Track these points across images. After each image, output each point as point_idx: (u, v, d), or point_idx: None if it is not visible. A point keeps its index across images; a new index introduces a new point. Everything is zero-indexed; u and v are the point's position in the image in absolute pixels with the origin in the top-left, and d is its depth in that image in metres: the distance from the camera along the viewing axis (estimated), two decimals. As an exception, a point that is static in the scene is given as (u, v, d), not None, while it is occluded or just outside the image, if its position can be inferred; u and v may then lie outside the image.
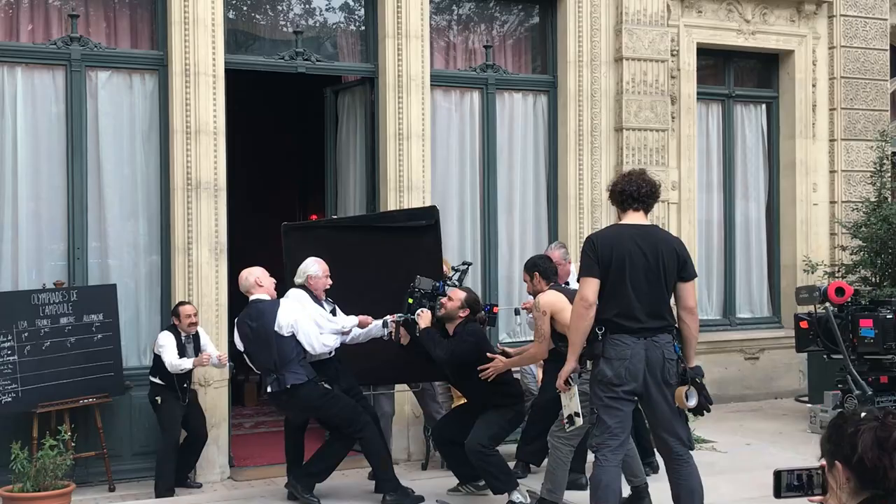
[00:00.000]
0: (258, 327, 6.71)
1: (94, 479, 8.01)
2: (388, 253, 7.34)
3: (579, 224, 9.80)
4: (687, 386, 5.23)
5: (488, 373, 6.59)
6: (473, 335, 6.73)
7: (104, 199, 8.29)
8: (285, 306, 6.77)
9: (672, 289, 5.38)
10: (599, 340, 5.27)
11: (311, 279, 7.01)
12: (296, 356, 6.67)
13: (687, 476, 5.36)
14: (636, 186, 5.40)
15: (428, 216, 7.54)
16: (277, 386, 6.67)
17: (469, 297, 6.83)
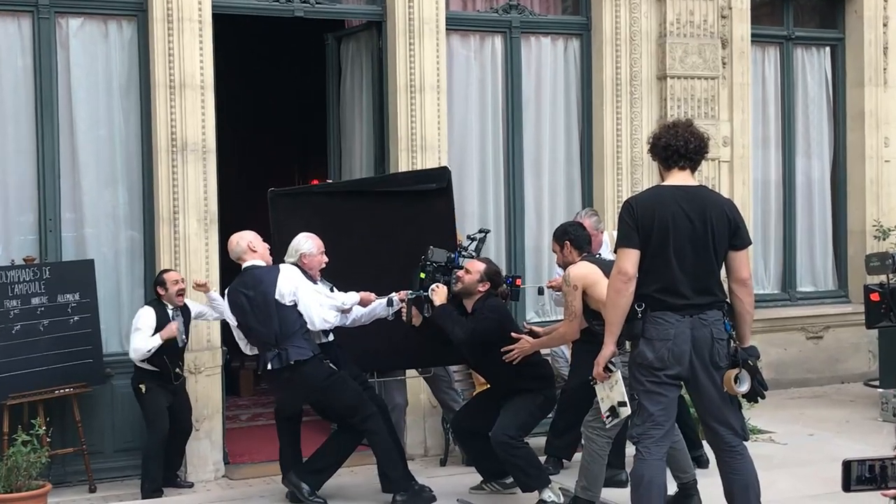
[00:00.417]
0: (256, 296, 6.69)
1: (72, 479, 8.08)
2: (393, 222, 7.28)
3: (617, 187, 9.76)
4: (737, 369, 5.20)
5: (513, 355, 6.58)
6: (495, 311, 6.72)
7: (78, 163, 8.30)
8: (286, 272, 6.75)
9: (722, 259, 5.34)
10: (639, 319, 5.24)
11: (304, 258, 6.95)
12: (299, 328, 6.68)
13: (741, 470, 5.35)
14: (683, 141, 5.34)
15: (439, 178, 7.50)
16: (279, 362, 6.64)
17: (489, 268, 6.80)
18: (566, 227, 6.76)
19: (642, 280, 5.26)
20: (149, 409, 7.84)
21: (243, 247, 6.88)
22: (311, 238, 6.99)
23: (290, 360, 6.62)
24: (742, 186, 10.49)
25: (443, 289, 6.75)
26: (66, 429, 8.02)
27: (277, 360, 6.65)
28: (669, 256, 5.24)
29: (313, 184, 11.64)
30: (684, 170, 5.40)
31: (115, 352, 8.33)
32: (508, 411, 6.67)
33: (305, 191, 7.80)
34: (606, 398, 5.60)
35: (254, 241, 6.91)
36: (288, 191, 7.67)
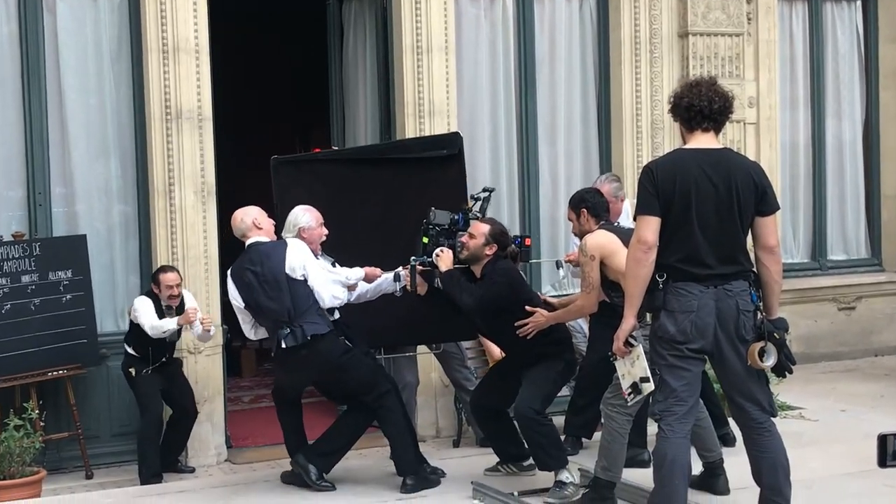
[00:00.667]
0: (264, 272, 6.66)
1: (67, 465, 8.13)
2: (402, 191, 7.24)
3: (636, 151, 9.73)
4: (763, 342, 5.19)
5: (527, 329, 6.55)
6: (505, 275, 6.63)
7: (68, 135, 8.31)
8: (294, 246, 6.74)
9: (749, 226, 5.31)
10: (660, 290, 5.22)
11: (303, 232, 6.90)
12: (313, 303, 6.66)
13: (769, 448, 5.35)
14: (707, 100, 5.30)
15: (450, 144, 7.46)
16: (293, 339, 6.59)
17: (493, 228, 6.70)
18: (583, 193, 6.70)
19: (663, 249, 5.24)
20: (140, 393, 7.90)
21: (248, 223, 6.85)
22: (308, 211, 6.95)
23: (306, 336, 6.58)
24: (769, 149, 10.44)
25: (448, 253, 6.67)
26: (60, 412, 8.06)
27: (292, 337, 6.59)
28: (692, 224, 5.22)
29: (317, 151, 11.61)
30: (708, 132, 5.36)
31: (109, 331, 8.36)
32: (530, 384, 6.60)
33: (309, 158, 7.76)
34: (628, 374, 5.58)
35: (259, 218, 6.88)
36: (291, 158, 7.64)
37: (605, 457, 6.12)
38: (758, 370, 5.28)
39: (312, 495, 6.81)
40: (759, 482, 5.43)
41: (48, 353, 7.87)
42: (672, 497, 5.25)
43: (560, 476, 6.47)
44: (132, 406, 8.12)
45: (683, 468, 5.28)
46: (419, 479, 6.81)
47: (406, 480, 6.80)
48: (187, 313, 7.72)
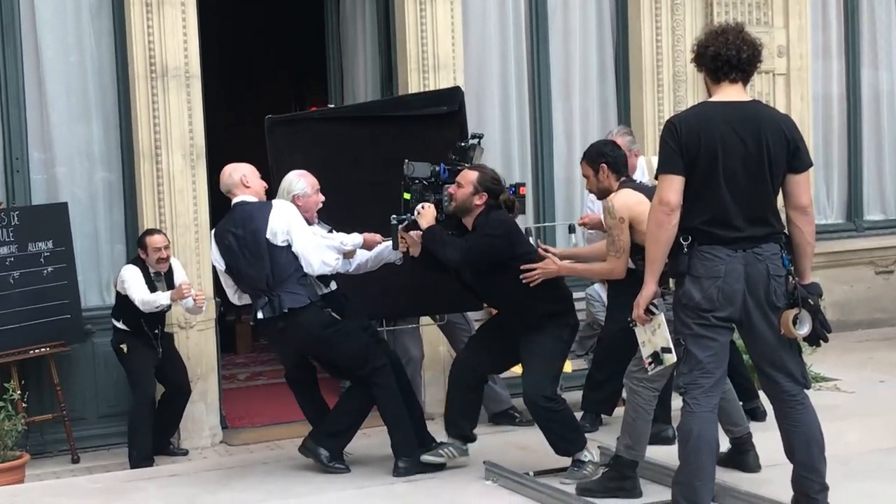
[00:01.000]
0: (245, 235, 6.62)
1: (52, 448, 8.19)
2: (401, 151, 7.16)
3: (658, 106, 9.70)
4: (796, 309, 5.18)
5: (533, 275, 6.30)
6: (500, 225, 6.38)
7: (46, 95, 8.30)
8: (278, 208, 6.68)
9: (780, 184, 5.30)
10: (685, 254, 5.21)
11: (298, 199, 6.83)
12: (294, 272, 6.60)
13: (802, 422, 5.35)
14: (735, 49, 5.26)
15: (450, 100, 7.42)
16: (271, 310, 6.57)
17: (483, 175, 6.48)
18: (600, 146, 6.49)
19: (688, 211, 5.22)
20: (132, 370, 7.93)
21: (235, 180, 6.79)
22: (303, 176, 6.89)
23: (283, 308, 6.54)
24: (800, 102, 10.40)
25: (430, 209, 6.50)
26: (44, 393, 8.10)
27: (269, 307, 6.56)
28: (719, 183, 5.19)
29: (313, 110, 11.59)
30: (735, 83, 5.32)
31: (94, 305, 8.40)
32: (534, 361, 6.44)
33: (305, 117, 7.74)
34: (648, 343, 5.58)
35: (249, 176, 6.80)
36: (286, 118, 7.64)
37: (629, 434, 6.09)
38: (790, 339, 5.27)
39: (314, 477, 6.83)
40: (792, 458, 5.43)
41: (29, 330, 7.90)
42: (698, 474, 5.25)
43: (579, 455, 6.46)
44: (121, 385, 8.16)
45: (710, 444, 5.28)
46: (413, 462, 6.77)
47: (398, 463, 6.77)
48: (180, 288, 7.74)
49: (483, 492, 6.44)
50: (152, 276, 7.89)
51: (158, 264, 7.86)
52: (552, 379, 6.50)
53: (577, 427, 6.60)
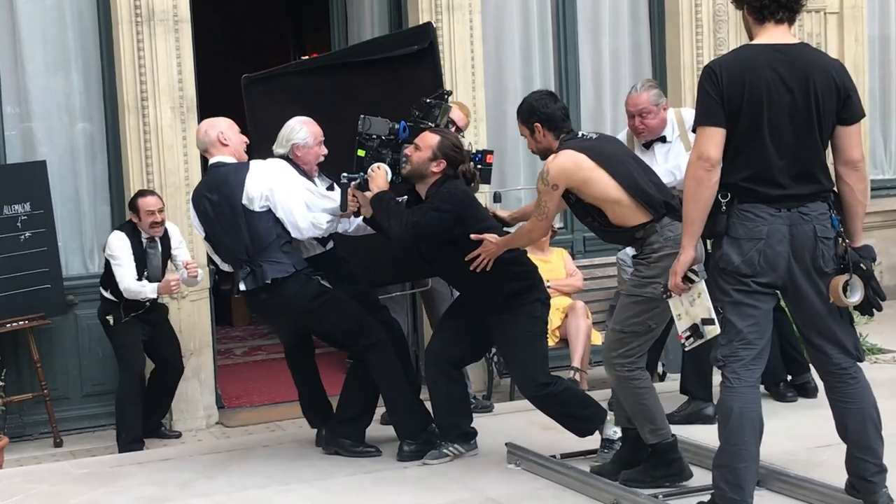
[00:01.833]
0: (220, 200, 6.61)
1: (32, 431, 8.30)
2: (380, 99, 7.13)
3: (696, 49, 9.70)
4: (847, 275, 5.19)
5: (478, 262, 6.30)
6: (450, 199, 6.33)
7: (20, 43, 8.34)
8: (256, 170, 6.64)
9: (829, 137, 5.31)
10: (723, 213, 5.22)
11: (297, 149, 6.83)
12: (276, 240, 6.59)
13: (855, 397, 5.36)
14: None
15: (420, 38, 7.38)
16: (253, 282, 6.59)
17: (445, 141, 6.44)
18: (532, 102, 6.22)
19: (728, 166, 5.22)
20: (120, 344, 8.00)
21: (212, 137, 6.72)
22: (306, 124, 6.87)
23: (265, 279, 6.57)
24: (854, 44, 10.39)
25: (382, 171, 6.49)
26: (23, 370, 8.21)
27: (251, 278, 6.58)
28: (763, 136, 5.19)
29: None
30: (781, 23, 5.30)
31: (77, 274, 8.49)
32: (515, 350, 6.42)
33: (279, 73, 7.75)
34: (685, 315, 5.56)
35: (226, 132, 6.74)
36: (262, 75, 7.65)
37: (646, 419, 6.09)
38: (840, 308, 5.29)
39: (318, 460, 6.88)
40: (845, 438, 5.45)
41: (5, 302, 7.97)
42: (740, 455, 5.27)
43: (606, 432, 6.50)
44: (107, 361, 8.25)
45: (754, 421, 5.29)
46: (420, 443, 6.81)
47: (402, 446, 6.81)
48: (167, 282, 7.82)
49: (505, 477, 6.45)
50: (145, 242, 7.94)
51: (152, 229, 7.91)
52: (539, 363, 6.49)
53: (587, 401, 6.60)
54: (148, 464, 7.17)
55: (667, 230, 5.82)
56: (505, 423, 7.17)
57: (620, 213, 5.88)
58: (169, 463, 7.15)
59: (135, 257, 7.88)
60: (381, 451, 6.95)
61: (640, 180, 5.88)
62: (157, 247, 7.99)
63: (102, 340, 8.18)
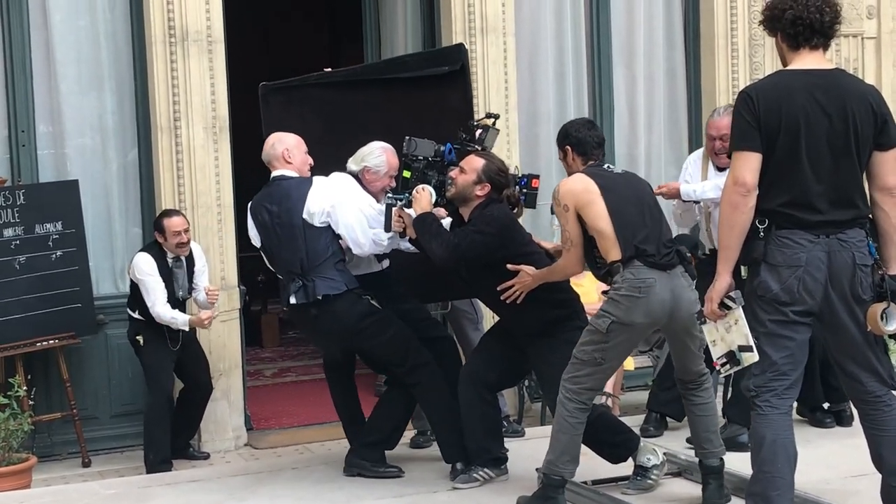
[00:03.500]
0: (280, 213, 6.71)
1: (61, 451, 8.33)
2: (404, 117, 7.13)
3: (732, 74, 9.70)
4: (885, 303, 5.18)
5: (512, 293, 6.34)
6: (493, 223, 6.36)
7: (55, 63, 8.41)
8: (319, 186, 6.75)
9: (866, 162, 5.31)
10: (761, 239, 5.21)
11: (368, 172, 6.90)
12: (331, 256, 6.68)
13: (890, 425, 5.31)
14: (817, 11, 5.25)
15: (451, 59, 7.38)
16: (304, 296, 6.66)
17: (490, 164, 6.47)
18: (568, 127, 6.42)
19: (765, 192, 5.22)
20: (148, 365, 8.03)
21: (277, 152, 6.84)
22: (386, 152, 6.92)
23: (316, 295, 6.63)
24: (892, 69, 10.35)
25: (425, 192, 6.50)
26: (52, 390, 8.24)
27: (302, 293, 6.65)
28: (801, 161, 5.18)
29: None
30: (816, 49, 5.31)
31: (107, 294, 8.54)
32: (553, 376, 6.26)
33: (301, 84, 7.77)
34: (721, 341, 5.54)
35: (292, 150, 6.84)
36: (281, 84, 7.68)
37: (552, 448, 6.14)
38: (876, 336, 5.28)
39: (347, 483, 6.89)
40: (880, 467, 5.42)
41: (36, 321, 8.01)
42: (774, 483, 5.25)
43: (639, 460, 6.48)
44: (136, 381, 8.28)
45: (787, 449, 5.27)
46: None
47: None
48: (199, 318, 7.89)
49: (536, 503, 6.47)
50: (170, 261, 7.98)
51: (178, 249, 7.96)
52: None
53: (620, 428, 6.61)
54: (176, 485, 7.19)
55: (629, 272, 5.89)
56: (536, 447, 7.12)
57: (603, 245, 5.97)
58: (197, 484, 7.18)
59: (162, 277, 7.92)
60: (403, 472, 6.98)
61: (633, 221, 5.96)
62: (183, 265, 8.03)
63: (132, 360, 8.21)
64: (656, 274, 5.89)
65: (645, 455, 6.47)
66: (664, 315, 5.94)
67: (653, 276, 5.88)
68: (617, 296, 5.91)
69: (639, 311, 5.89)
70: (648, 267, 5.87)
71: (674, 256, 6.00)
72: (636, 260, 5.88)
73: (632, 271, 5.88)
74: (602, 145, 6.35)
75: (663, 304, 5.91)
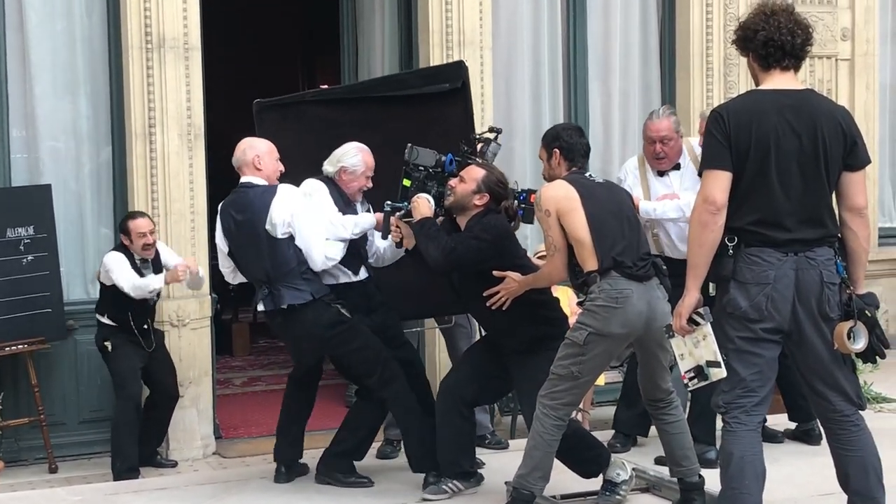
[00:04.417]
0: (244, 222, 6.73)
1: (27, 456, 8.31)
2: (400, 135, 7.13)
3: (706, 92, 9.76)
4: (852, 321, 5.23)
5: (497, 299, 6.37)
6: (490, 230, 6.39)
7: (30, 66, 8.41)
8: (283, 196, 6.73)
9: (835, 183, 5.36)
10: (730, 256, 5.25)
11: (344, 172, 6.95)
12: (297, 266, 6.69)
13: (857, 445, 5.36)
14: (789, 34, 5.31)
15: (453, 76, 7.43)
16: (271, 304, 6.70)
17: (490, 176, 6.51)
18: (559, 130, 6.48)
19: (735, 210, 5.26)
20: (117, 371, 8.01)
21: (248, 158, 6.83)
22: (361, 152, 6.97)
23: (281, 304, 6.67)
24: (865, 91, 10.44)
25: (424, 200, 6.53)
26: (20, 394, 8.23)
27: (270, 300, 6.70)
28: (771, 180, 5.22)
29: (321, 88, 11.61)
30: (787, 70, 5.36)
31: (78, 299, 8.52)
32: (532, 390, 6.26)
33: (295, 100, 7.80)
34: (689, 356, 5.57)
35: (263, 157, 6.84)
36: (276, 101, 7.71)
37: (524, 463, 6.18)
38: (843, 354, 5.31)
39: (316, 495, 6.90)
40: (846, 487, 5.44)
41: (5, 325, 7.99)
42: (742, 500, 5.26)
43: (609, 475, 6.51)
44: (105, 387, 8.27)
45: (755, 466, 5.31)
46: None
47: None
48: (176, 270, 7.86)
49: (504, 516, 6.47)
50: (138, 263, 7.95)
51: (144, 251, 7.93)
52: None
53: (593, 443, 6.64)
54: (144, 493, 7.20)
55: (606, 283, 5.94)
56: (507, 461, 7.17)
57: (580, 254, 6.02)
58: (165, 492, 7.17)
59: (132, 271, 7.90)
60: (373, 482, 7.00)
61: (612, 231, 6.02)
62: (150, 268, 8.01)
63: (101, 367, 8.19)
64: (633, 285, 5.95)
65: (614, 470, 6.50)
66: (641, 326, 5.98)
67: (630, 286, 5.94)
68: (593, 306, 5.95)
69: (616, 322, 5.93)
70: (626, 278, 5.93)
71: (650, 268, 6.05)
72: (613, 271, 5.94)
73: (609, 282, 5.93)
74: (588, 154, 6.44)
75: (640, 315, 5.96)
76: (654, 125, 7.39)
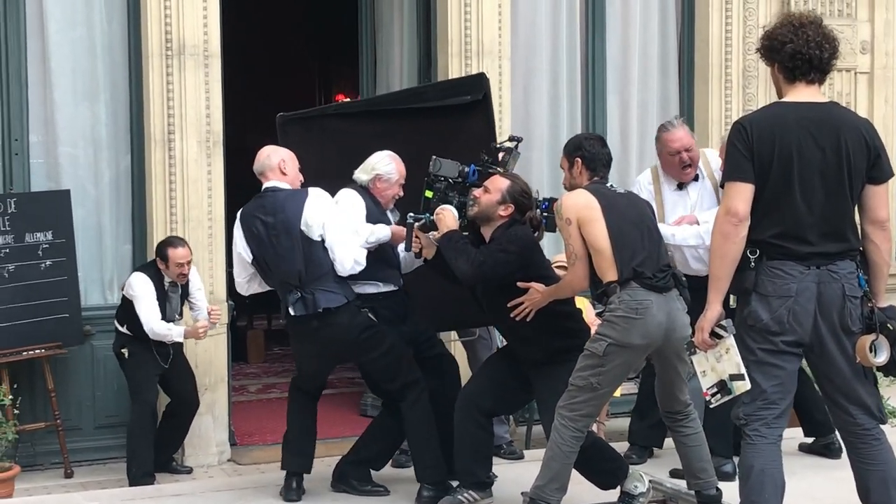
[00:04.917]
0: (276, 224, 6.68)
1: (43, 461, 8.31)
2: (421, 147, 7.12)
3: (725, 104, 9.74)
4: (873, 335, 5.21)
5: (521, 310, 6.36)
6: (515, 241, 6.38)
7: (50, 72, 8.42)
8: (315, 198, 6.73)
9: (858, 195, 5.34)
10: (752, 269, 5.25)
11: (379, 180, 6.97)
12: (331, 269, 6.68)
13: (878, 459, 5.35)
14: (817, 48, 5.29)
15: (474, 89, 7.44)
16: (304, 308, 6.63)
17: (514, 185, 6.49)
18: (581, 140, 6.53)
19: (757, 223, 5.25)
20: (133, 378, 8.02)
21: (272, 162, 6.82)
22: (394, 160, 7.00)
23: (317, 307, 6.63)
24: (884, 105, 10.41)
25: (449, 212, 6.50)
26: (37, 399, 8.23)
27: (301, 304, 6.63)
28: (794, 193, 5.21)
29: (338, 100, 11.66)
30: (813, 84, 5.35)
31: (95, 304, 8.52)
32: (553, 401, 6.23)
33: (318, 114, 7.80)
34: (711, 371, 5.54)
35: (288, 162, 6.85)
36: (299, 115, 7.72)
37: (542, 474, 6.15)
38: (865, 368, 5.30)
39: (330, 501, 6.89)
40: (867, 501, 5.43)
41: (23, 329, 8.00)
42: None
43: (627, 486, 6.50)
44: (121, 393, 8.26)
45: (775, 479, 5.30)
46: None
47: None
48: (196, 329, 7.90)
49: (520, 527, 6.45)
50: (167, 285, 7.96)
51: (179, 278, 7.96)
52: None
53: (612, 455, 6.63)
54: (159, 498, 7.20)
55: (626, 294, 5.93)
56: (522, 471, 7.15)
57: (599, 265, 6.02)
58: (180, 499, 7.18)
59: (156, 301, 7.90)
60: (389, 491, 6.99)
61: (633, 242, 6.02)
62: (178, 290, 8.04)
63: (117, 372, 8.20)
64: (653, 296, 5.94)
65: (632, 482, 6.49)
66: (660, 337, 5.97)
67: (649, 297, 5.93)
68: (613, 317, 5.94)
69: (636, 333, 5.92)
70: (645, 289, 5.92)
71: (669, 279, 6.03)
72: (633, 281, 5.93)
73: (629, 293, 5.92)
74: (610, 164, 6.46)
75: (659, 326, 5.94)
76: (673, 136, 7.39)
